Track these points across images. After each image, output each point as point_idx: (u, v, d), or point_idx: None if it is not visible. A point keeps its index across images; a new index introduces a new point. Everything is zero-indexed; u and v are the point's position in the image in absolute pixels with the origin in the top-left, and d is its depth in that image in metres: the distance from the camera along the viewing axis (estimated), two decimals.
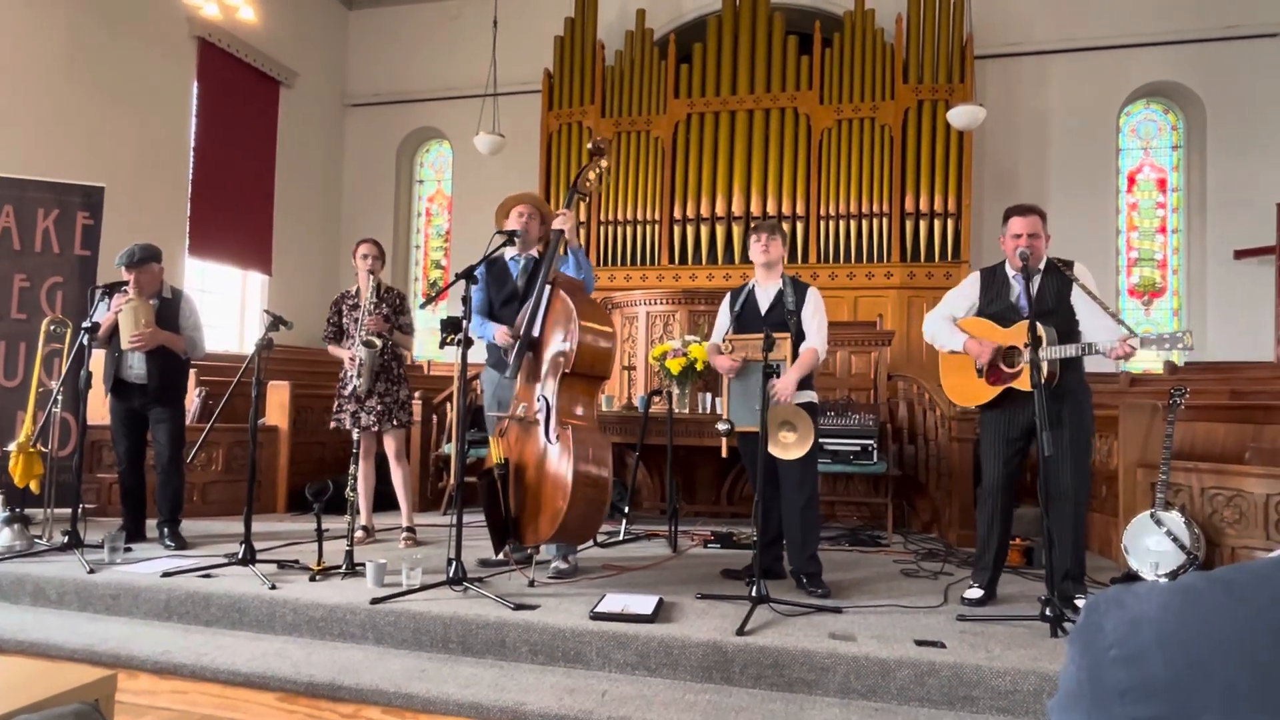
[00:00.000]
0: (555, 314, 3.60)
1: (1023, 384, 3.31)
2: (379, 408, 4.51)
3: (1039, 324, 3.19)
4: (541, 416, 3.53)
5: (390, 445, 4.62)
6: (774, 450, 3.44)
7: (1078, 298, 3.37)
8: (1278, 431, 4.26)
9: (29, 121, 6.96)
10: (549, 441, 3.46)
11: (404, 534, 4.63)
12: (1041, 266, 3.44)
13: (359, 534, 4.54)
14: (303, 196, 10.48)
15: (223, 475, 5.64)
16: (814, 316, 3.72)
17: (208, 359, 5.67)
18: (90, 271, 5.41)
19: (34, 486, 4.40)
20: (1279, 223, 8.26)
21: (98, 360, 4.43)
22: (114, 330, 4.37)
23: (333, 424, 4.59)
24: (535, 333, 3.65)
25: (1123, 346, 3.11)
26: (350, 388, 4.50)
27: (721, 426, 3.69)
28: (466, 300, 3.65)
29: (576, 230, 3.90)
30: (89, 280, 5.31)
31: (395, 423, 4.58)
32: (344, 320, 4.70)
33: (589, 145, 4.03)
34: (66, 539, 4.10)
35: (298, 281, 10.33)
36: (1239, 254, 8.63)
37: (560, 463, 3.38)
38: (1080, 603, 3.20)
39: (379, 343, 4.44)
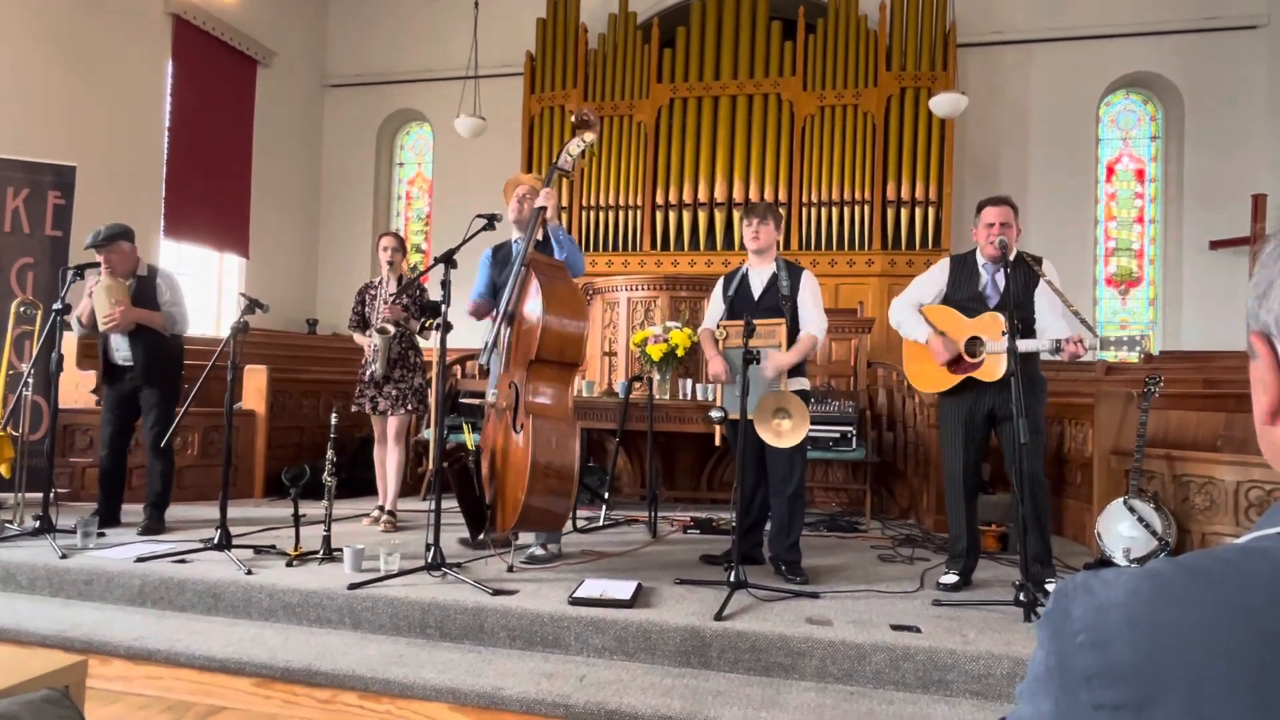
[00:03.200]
0: (527, 297, 3.51)
1: (983, 374, 3.36)
2: (394, 393, 4.66)
3: (1004, 316, 3.22)
4: (511, 404, 3.49)
5: (392, 425, 4.69)
6: (767, 438, 3.40)
7: (1041, 294, 3.41)
8: (1249, 420, 4.32)
9: None
10: (514, 430, 3.44)
11: (384, 516, 4.66)
12: (1011, 258, 3.46)
13: (375, 513, 4.75)
14: (281, 178, 10.34)
15: (198, 460, 5.58)
16: (811, 302, 3.69)
17: (183, 341, 5.58)
18: (62, 252, 5.31)
19: (4, 470, 4.33)
20: (1253, 214, 8.36)
21: (69, 343, 4.36)
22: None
23: (354, 407, 4.77)
24: (508, 320, 3.59)
25: (1071, 346, 3.15)
26: (369, 373, 4.68)
27: (715, 414, 3.66)
28: (446, 284, 3.62)
29: (559, 213, 3.80)
30: (60, 261, 5.21)
31: (408, 408, 4.69)
32: (365, 310, 4.85)
33: (572, 117, 3.85)
34: (38, 524, 4.05)
35: (275, 264, 10.21)
36: (1215, 244, 8.73)
37: (522, 452, 3.35)
38: (1050, 586, 3.25)
39: (392, 329, 4.60)
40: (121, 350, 4.36)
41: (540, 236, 3.82)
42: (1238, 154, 8.77)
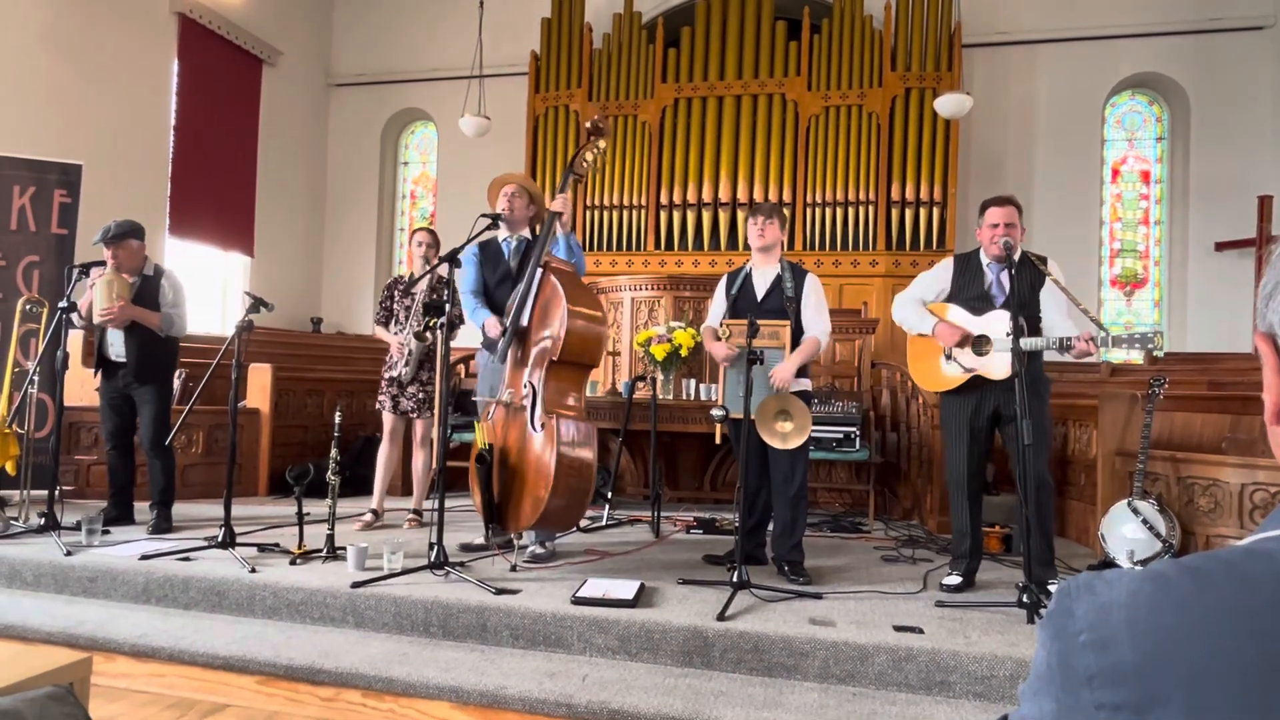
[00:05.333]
0: (545, 298, 3.56)
1: (990, 372, 3.34)
2: (420, 395, 4.63)
3: (1009, 316, 3.21)
4: (528, 403, 3.50)
5: (419, 429, 4.69)
6: (770, 439, 3.39)
7: (1047, 293, 3.39)
8: (1254, 422, 4.32)
9: (4, 97, 6.83)
10: (534, 429, 3.44)
11: (410, 514, 4.72)
12: (1016, 258, 3.45)
13: (368, 516, 4.66)
14: (286, 177, 10.36)
15: (203, 458, 5.60)
16: (815, 304, 3.69)
17: (188, 340, 5.60)
18: (68, 250, 5.33)
19: (10, 468, 4.35)
20: (1259, 215, 8.34)
21: (75, 341, 4.37)
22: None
23: (377, 406, 4.75)
24: (525, 320, 3.63)
25: (1082, 344, 3.13)
26: (395, 373, 4.64)
27: (716, 413, 3.65)
28: (450, 284, 3.64)
29: (570, 216, 3.86)
30: (66, 259, 5.23)
31: (433, 412, 4.64)
32: (395, 306, 4.79)
33: (587, 124, 3.94)
34: (43, 521, 4.06)
35: (280, 263, 10.23)
36: (1220, 246, 8.70)
37: (544, 451, 3.36)
38: (1052, 587, 3.24)
39: (430, 337, 4.56)
40: (116, 346, 4.36)
41: (555, 238, 3.84)
42: (1244, 155, 8.74)
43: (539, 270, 3.62)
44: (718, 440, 3.83)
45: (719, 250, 9.04)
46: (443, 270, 4.26)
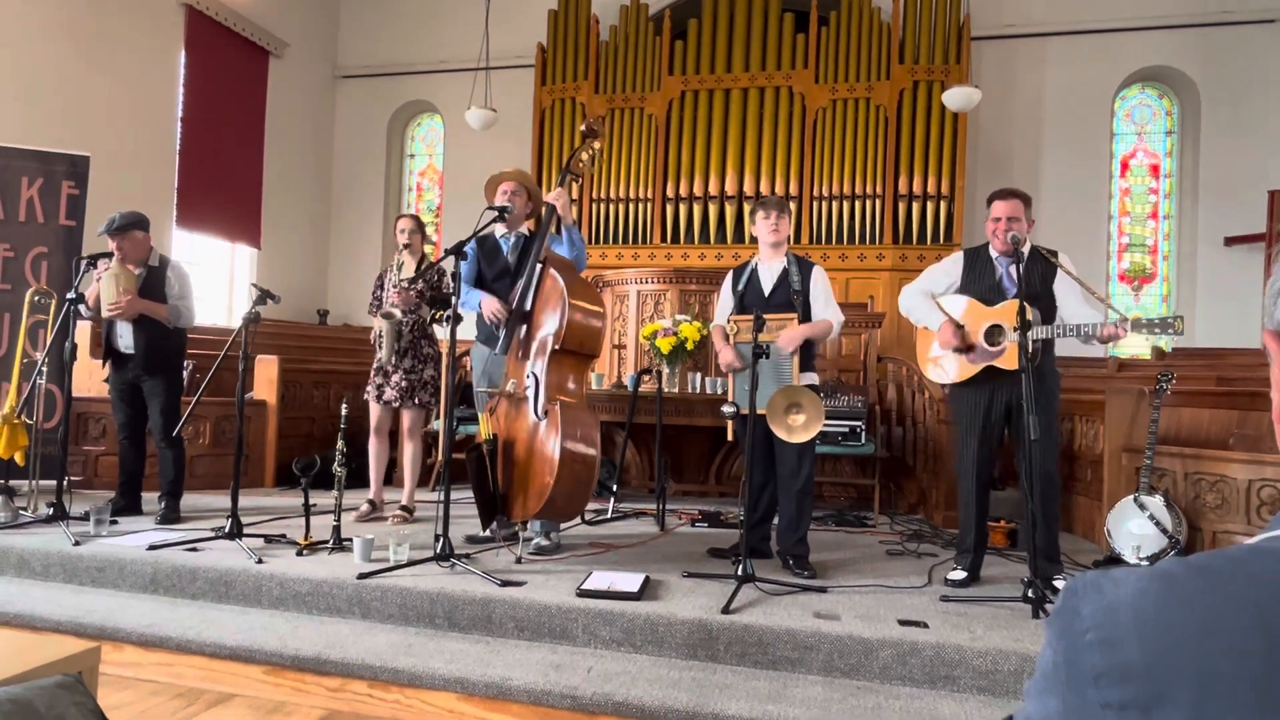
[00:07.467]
0: (546, 291, 3.63)
1: (1004, 362, 3.33)
2: (403, 384, 4.54)
3: (1016, 309, 3.20)
4: (531, 393, 3.54)
5: (405, 420, 4.62)
6: (781, 433, 3.39)
7: (1061, 284, 3.38)
8: (1262, 418, 4.30)
9: (12, 89, 6.84)
10: (537, 418, 3.49)
11: (398, 510, 4.63)
12: (1026, 251, 3.43)
13: (364, 507, 4.62)
14: (292, 169, 10.36)
15: (210, 449, 5.62)
16: (824, 296, 3.70)
17: (195, 332, 5.62)
18: (75, 242, 5.35)
19: (18, 458, 4.37)
20: (1270, 210, 8.28)
21: (83, 331, 4.38)
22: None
23: (365, 397, 4.62)
24: (526, 309, 3.69)
25: (1109, 328, 3.12)
26: (376, 360, 4.57)
27: (727, 409, 3.63)
28: (456, 276, 3.65)
29: (569, 208, 3.88)
30: (74, 251, 5.25)
31: (416, 401, 4.58)
32: (383, 294, 4.74)
33: (581, 127, 4.04)
34: (52, 511, 4.09)
35: (287, 255, 10.25)
36: (1229, 241, 8.65)
37: (548, 439, 3.40)
38: (1058, 583, 3.24)
39: (397, 314, 4.47)
40: (125, 338, 4.38)
41: (555, 231, 3.87)
42: (1254, 149, 8.68)
43: (539, 265, 3.68)
44: (729, 437, 3.83)
45: (725, 243, 9.01)
46: (445, 259, 4.25)
